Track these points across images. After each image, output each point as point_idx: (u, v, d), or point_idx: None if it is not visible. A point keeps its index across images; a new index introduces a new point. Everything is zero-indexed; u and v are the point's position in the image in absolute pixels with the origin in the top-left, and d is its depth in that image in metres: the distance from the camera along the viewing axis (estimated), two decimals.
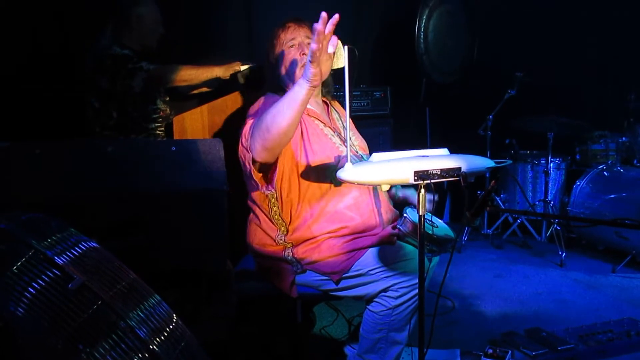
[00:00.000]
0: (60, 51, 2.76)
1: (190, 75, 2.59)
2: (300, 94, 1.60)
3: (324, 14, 1.47)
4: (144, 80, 2.57)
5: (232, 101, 2.40)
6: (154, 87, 2.66)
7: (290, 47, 2.01)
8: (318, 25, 1.47)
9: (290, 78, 2.02)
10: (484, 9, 4.37)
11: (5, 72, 2.61)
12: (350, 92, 1.55)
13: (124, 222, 1.44)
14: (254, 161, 1.81)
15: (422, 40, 4.07)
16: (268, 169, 1.87)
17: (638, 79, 3.89)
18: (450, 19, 4.24)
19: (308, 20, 2.07)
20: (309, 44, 1.98)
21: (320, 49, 1.50)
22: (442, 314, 2.83)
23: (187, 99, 3.03)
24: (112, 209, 1.44)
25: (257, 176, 1.87)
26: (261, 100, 2.01)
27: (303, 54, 1.98)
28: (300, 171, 1.93)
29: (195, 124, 2.31)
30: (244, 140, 1.80)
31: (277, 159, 1.85)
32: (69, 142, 1.46)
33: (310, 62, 1.53)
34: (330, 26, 1.48)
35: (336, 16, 1.49)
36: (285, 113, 1.63)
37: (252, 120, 1.82)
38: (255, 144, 1.74)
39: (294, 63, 2.00)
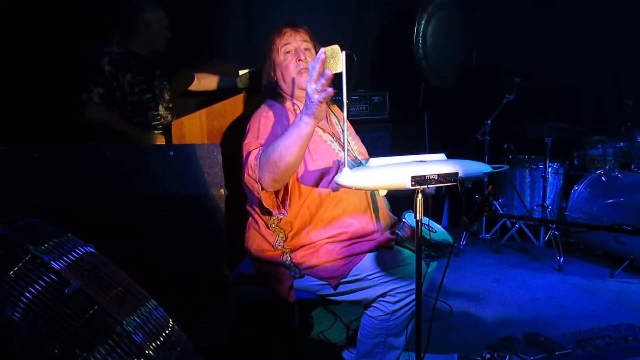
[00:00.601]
0: (63, 52, 2.77)
1: (108, 123, 2.61)
2: (306, 130, 1.65)
3: (322, 56, 1.53)
4: (79, 103, 2.58)
5: (231, 106, 2.41)
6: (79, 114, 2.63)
7: (287, 53, 2.00)
8: (328, 72, 1.53)
9: (287, 84, 2.02)
10: (482, 14, 4.39)
11: (6, 73, 2.61)
12: (347, 97, 1.55)
13: (122, 226, 1.44)
14: (262, 189, 1.81)
15: (420, 45, 4.08)
16: (278, 192, 1.88)
17: (636, 84, 3.90)
18: (448, 24, 4.25)
19: (304, 23, 2.07)
20: (305, 49, 1.99)
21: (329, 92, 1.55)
22: (440, 318, 2.83)
23: (186, 103, 3.04)
24: (110, 213, 1.44)
25: (269, 204, 1.87)
26: (262, 113, 1.98)
27: (299, 60, 1.98)
28: (299, 179, 1.93)
29: (194, 129, 2.31)
30: (250, 171, 1.80)
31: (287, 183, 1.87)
32: (68, 146, 1.46)
33: (319, 101, 1.57)
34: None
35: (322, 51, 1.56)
36: (293, 149, 1.67)
37: (256, 150, 1.81)
38: (265, 177, 1.76)
39: (290, 69, 2.00)
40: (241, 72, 2.53)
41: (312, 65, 1.57)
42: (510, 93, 3.93)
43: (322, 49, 1.55)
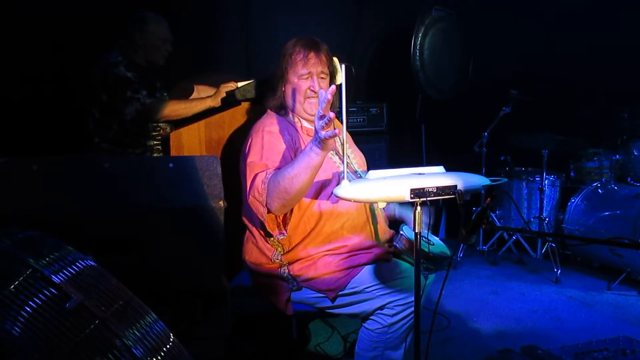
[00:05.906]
0: (63, 64, 2.78)
1: (183, 109, 2.66)
2: (317, 159, 1.68)
3: (329, 97, 1.55)
4: (137, 111, 2.61)
5: (230, 117, 2.41)
6: (144, 119, 2.67)
7: (305, 79, 1.99)
8: (332, 114, 1.55)
9: (294, 102, 2.02)
10: (479, 27, 4.42)
11: (5, 85, 2.61)
12: (347, 109, 1.56)
13: (120, 238, 1.43)
14: (268, 212, 1.82)
15: (417, 58, 4.11)
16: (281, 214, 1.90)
17: (631, 97, 3.93)
18: (445, 36, 4.29)
19: (325, 42, 2.06)
20: (321, 78, 2.00)
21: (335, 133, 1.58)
22: (438, 331, 2.82)
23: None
24: (108, 225, 1.44)
25: (272, 227, 1.89)
26: (264, 127, 1.97)
27: (312, 90, 1.99)
28: None
29: (192, 140, 2.31)
30: (257, 194, 1.81)
31: None
32: (66, 158, 1.46)
33: (324, 138, 1.59)
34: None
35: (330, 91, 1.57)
36: (303, 176, 1.71)
37: (262, 173, 1.82)
38: (274, 203, 1.78)
39: (301, 92, 2.00)
40: (240, 84, 2.53)
41: (322, 96, 1.58)
42: (507, 105, 3.94)
43: (330, 90, 1.55)
